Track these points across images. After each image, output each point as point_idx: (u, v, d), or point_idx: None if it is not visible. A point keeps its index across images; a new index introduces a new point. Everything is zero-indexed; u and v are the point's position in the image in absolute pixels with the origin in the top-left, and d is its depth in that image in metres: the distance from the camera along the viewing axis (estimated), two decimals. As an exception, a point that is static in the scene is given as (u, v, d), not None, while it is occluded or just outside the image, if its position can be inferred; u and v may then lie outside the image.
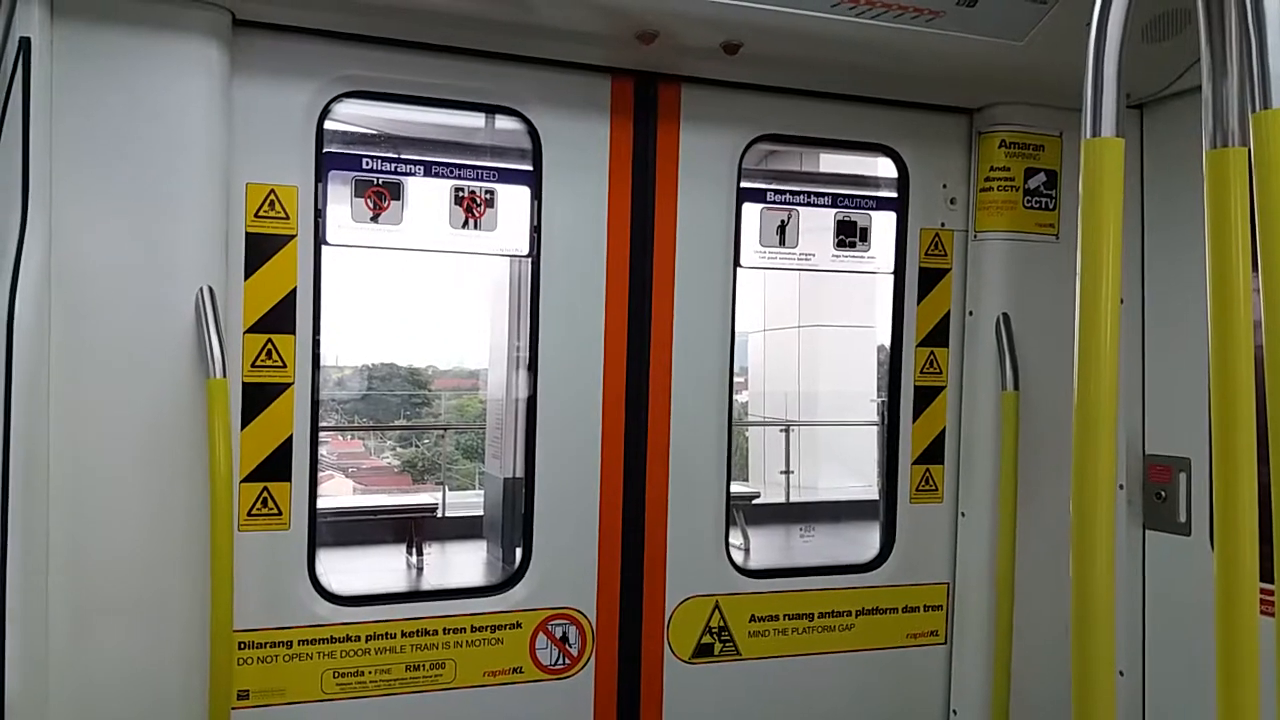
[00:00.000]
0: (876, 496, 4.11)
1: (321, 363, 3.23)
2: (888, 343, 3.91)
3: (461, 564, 7.36)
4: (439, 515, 7.84)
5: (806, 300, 12.16)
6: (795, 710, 3.75)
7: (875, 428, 9.05)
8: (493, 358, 6.37)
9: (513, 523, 5.91)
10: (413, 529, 7.11)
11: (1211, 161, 1.35)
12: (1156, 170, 3.73)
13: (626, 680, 3.56)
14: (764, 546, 7.74)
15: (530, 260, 3.45)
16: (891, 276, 3.87)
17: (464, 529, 7.28)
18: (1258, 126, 1.19)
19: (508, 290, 5.95)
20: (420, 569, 7.02)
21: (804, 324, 12.26)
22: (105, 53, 2.79)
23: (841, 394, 11.23)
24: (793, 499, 10.09)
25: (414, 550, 7.11)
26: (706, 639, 3.64)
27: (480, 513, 6.71)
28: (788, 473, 10.24)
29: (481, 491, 7.15)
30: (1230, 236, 1.30)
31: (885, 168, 3.93)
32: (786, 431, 10.62)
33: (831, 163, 4.90)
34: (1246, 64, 1.21)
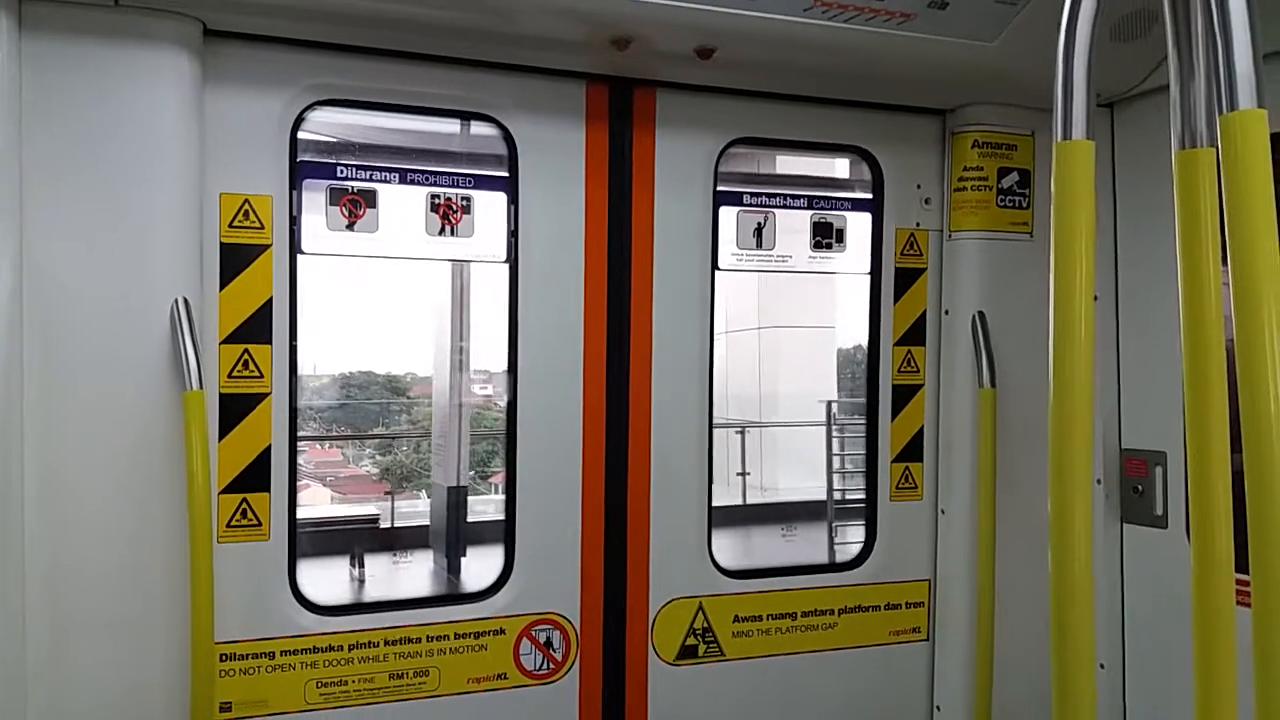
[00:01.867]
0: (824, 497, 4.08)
1: (300, 371, 3.22)
2: (852, 343, 3.92)
3: (407, 575, 7.23)
4: (386, 526, 7.67)
5: (767, 301, 12.17)
6: (780, 710, 3.76)
7: (823, 428, 9.04)
8: (436, 362, 6.28)
9: (457, 531, 5.86)
10: (358, 540, 6.99)
11: (1181, 163, 1.37)
12: (1127, 167, 3.77)
13: (611, 683, 3.56)
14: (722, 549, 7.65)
15: (508, 266, 3.45)
16: (868, 277, 3.90)
17: (411, 539, 7.15)
18: (1225, 128, 1.20)
19: (450, 294, 5.90)
20: (362, 581, 6.91)
21: (764, 325, 12.26)
22: (74, 64, 2.76)
23: (802, 395, 11.25)
24: (751, 500, 10.04)
25: (357, 563, 6.99)
26: (690, 640, 3.65)
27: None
28: (744, 474, 10.19)
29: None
30: (1200, 236, 1.32)
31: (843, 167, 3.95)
32: (742, 433, 10.59)
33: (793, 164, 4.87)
34: (1213, 66, 1.23)
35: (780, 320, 12.05)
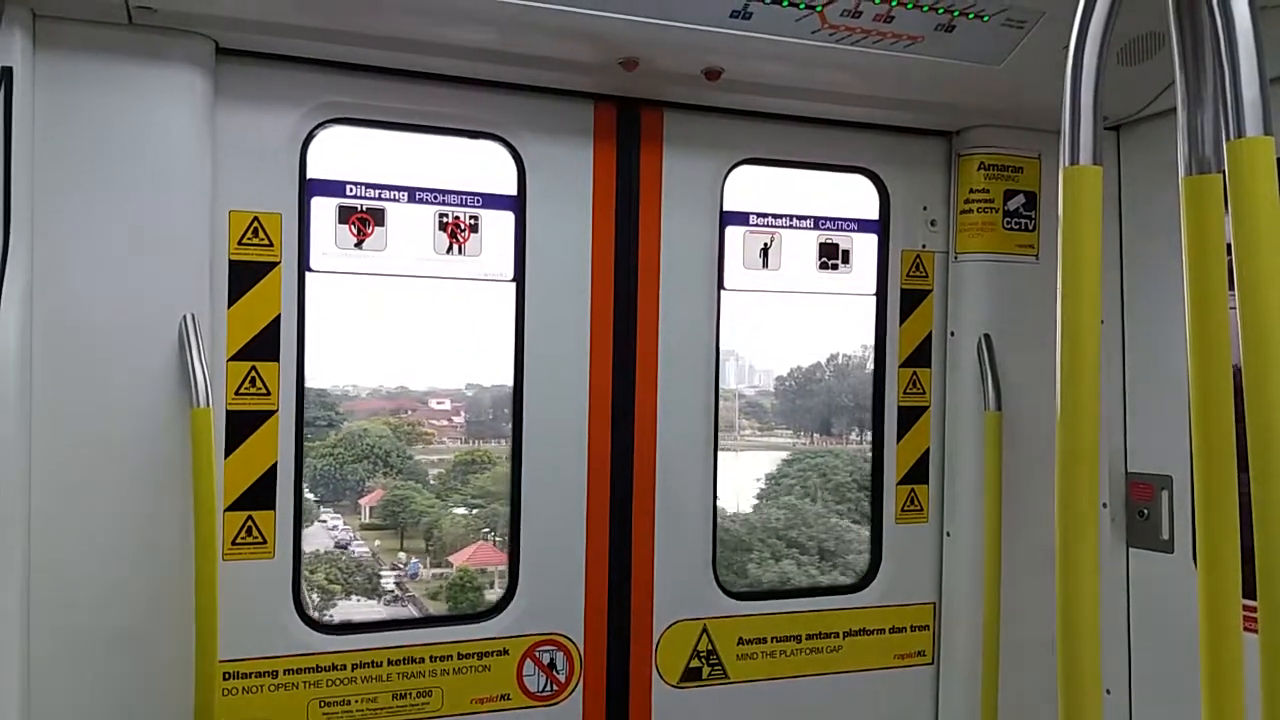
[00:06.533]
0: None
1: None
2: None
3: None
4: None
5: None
6: None
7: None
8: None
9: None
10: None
11: (1188, 188, 1.37)
12: (1134, 189, 3.78)
13: (615, 706, 3.54)
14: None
15: (515, 285, 3.45)
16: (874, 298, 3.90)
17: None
18: (1233, 154, 1.20)
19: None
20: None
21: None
22: (88, 81, 2.79)
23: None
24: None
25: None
26: (694, 663, 3.63)
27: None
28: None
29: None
30: (1208, 262, 1.31)
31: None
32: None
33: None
34: (1220, 91, 1.23)
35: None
